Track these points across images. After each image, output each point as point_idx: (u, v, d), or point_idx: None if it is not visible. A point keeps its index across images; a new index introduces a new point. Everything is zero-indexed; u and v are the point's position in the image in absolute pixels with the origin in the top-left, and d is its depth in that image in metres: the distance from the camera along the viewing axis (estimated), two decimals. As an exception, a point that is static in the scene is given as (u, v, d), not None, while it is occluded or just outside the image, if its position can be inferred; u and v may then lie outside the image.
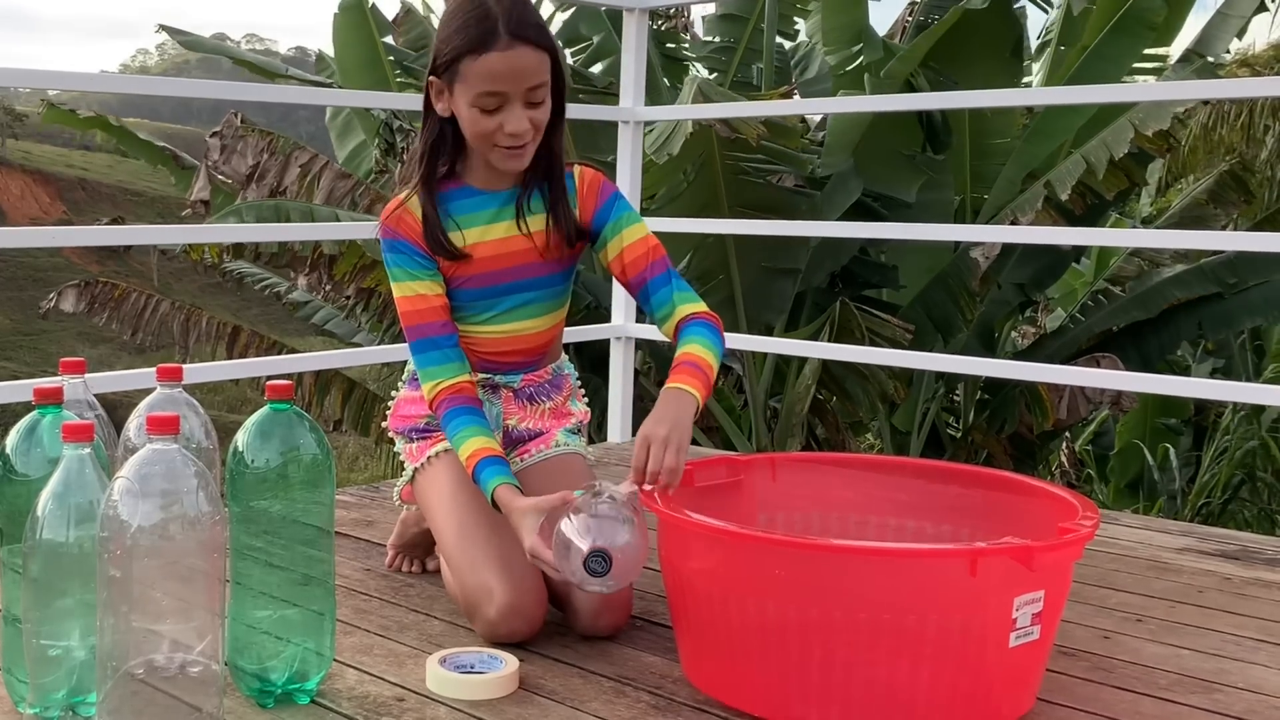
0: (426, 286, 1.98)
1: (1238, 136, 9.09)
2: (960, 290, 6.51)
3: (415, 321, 1.98)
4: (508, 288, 2.03)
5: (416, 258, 1.98)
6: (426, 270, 1.98)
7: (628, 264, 2.00)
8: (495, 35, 1.83)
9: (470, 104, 1.88)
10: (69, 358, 1.73)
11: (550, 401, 2.14)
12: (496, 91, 1.85)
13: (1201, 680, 1.79)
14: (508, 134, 1.88)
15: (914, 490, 2.00)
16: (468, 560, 1.89)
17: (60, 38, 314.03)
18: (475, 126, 1.90)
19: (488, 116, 1.88)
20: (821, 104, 6.47)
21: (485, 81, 1.85)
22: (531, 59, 1.86)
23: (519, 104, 1.87)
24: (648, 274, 1.99)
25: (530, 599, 1.85)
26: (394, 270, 2.00)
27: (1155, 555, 2.50)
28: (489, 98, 1.86)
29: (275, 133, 7.22)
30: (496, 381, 2.09)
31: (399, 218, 1.99)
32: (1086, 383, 3.56)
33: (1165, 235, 5.14)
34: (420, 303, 1.97)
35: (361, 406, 6.97)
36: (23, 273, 34.37)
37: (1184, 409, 8.20)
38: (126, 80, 5.94)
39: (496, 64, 1.84)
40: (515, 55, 1.84)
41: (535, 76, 1.87)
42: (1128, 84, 6.51)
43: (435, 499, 2.01)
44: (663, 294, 1.99)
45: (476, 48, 1.84)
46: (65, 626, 1.46)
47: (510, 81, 1.85)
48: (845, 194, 6.27)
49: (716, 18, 7.51)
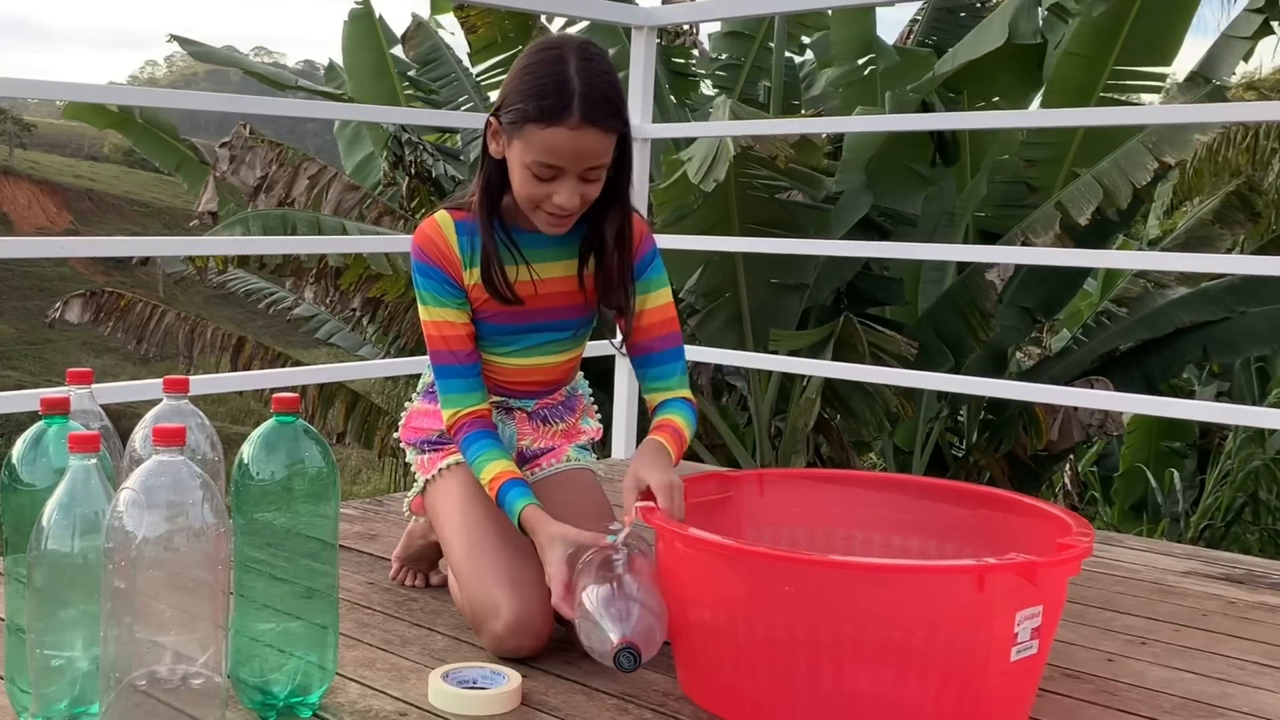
0: (454, 314, 1.97)
1: (1244, 159, 9.11)
2: (972, 310, 6.50)
3: (441, 347, 1.97)
4: (538, 326, 2.03)
5: (447, 285, 1.96)
6: (455, 299, 1.97)
7: (648, 327, 2.02)
8: (568, 113, 1.78)
9: (525, 165, 1.83)
10: (75, 368, 1.73)
11: (563, 423, 2.16)
12: (554, 165, 1.81)
13: (1206, 704, 1.78)
14: (556, 204, 1.84)
15: (902, 507, 2.01)
16: (476, 575, 1.89)
17: (69, 48, 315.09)
18: (525, 189, 1.86)
19: (540, 184, 1.84)
20: (835, 123, 6.46)
21: (546, 154, 1.81)
22: (599, 143, 1.81)
23: (573, 179, 1.83)
24: (659, 345, 2.02)
25: (537, 615, 1.85)
26: (423, 294, 1.98)
27: (1160, 578, 2.49)
28: (545, 169, 1.82)
29: (284, 144, 7.25)
30: (511, 405, 2.10)
31: (432, 241, 1.96)
32: (1090, 404, 3.55)
33: (1174, 258, 5.13)
34: (447, 329, 1.97)
35: (365, 419, 6.98)
36: (28, 282, 34.47)
37: (1189, 432, 8.19)
38: (134, 92, 5.96)
39: (562, 141, 1.79)
40: (583, 137, 1.79)
41: (597, 158, 1.83)
42: (1135, 106, 6.51)
43: (445, 511, 2.01)
44: (668, 369, 2.02)
45: (546, 119, 1.79)
46: (68, 637, 1.46)
47: (571, 160, 1.81)
48: (855, 209, 6.28)
49: (724, 35, 7.52)
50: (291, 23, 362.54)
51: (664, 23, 3.79)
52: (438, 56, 8.07)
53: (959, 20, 7.14)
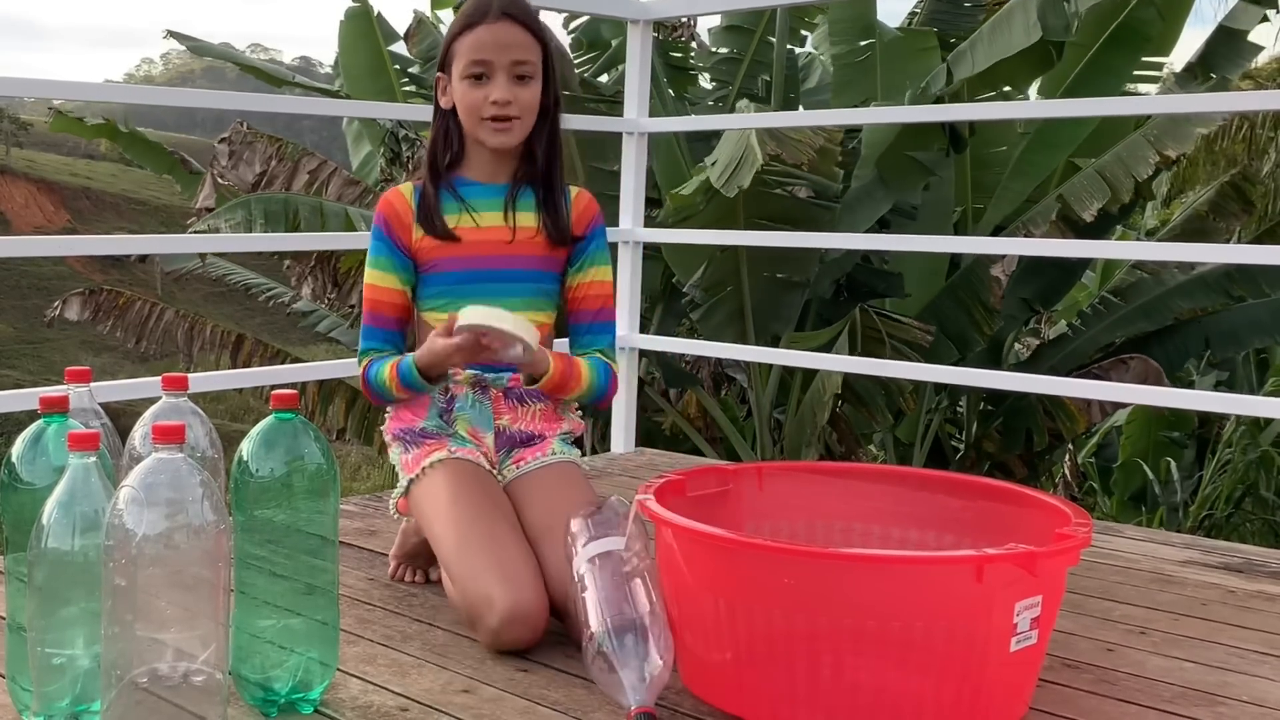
0: (392, 280, 2.12)
1: (1240, 149, 9.11)
2: (975, 303, 6.50)
3: (371, 309, 2.13)
4: (490, 274, 2.12)
5: (394, 249, 2.12)
6: (396, 263, 2.12)
7: (584, 296, 2.18)
8: (486, 12, 2.04)
9: (461, 77, 2.05)
10: (74, 366, 1.73)
11: (541, 403, 2.17)
12: (483, 60, 2.03)
13: (1205, 693, 1.78)
14: (492, 102, 2.03)
15: (901, 498, 2.01)
16: (467, 569, 1.89)
17: (65, 47, 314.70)
18: (465, 100, 2.05)
19: (476, 88, 2.04)
20: (832, 115, 6.45)
21: (473, 51, 2.03)
22: (518, 34, 2.04)
23: (505, 76, 2.03)
24: (592, 317, 2.18)
25: (532, 606, 1.85)
26: (371, 256, 2.13)
27: (1159, 568, 2.49)
28: (476, 65, 2.03)
29: (284, 139, 7.24)
30: (486, 380, 2.13)
31: (391, 204, 2.13)
32: (1091, 395, 3.56)
33: (1173, 249, 5.12)
34: (382, 292, 2.12)
35: (365, 416, 6.98)
36: (26, 281, 34.44)
37: (1188, 422, 8.19)
38: (131, 90, 5.94)
39: (483, 35, 2.03)
40: (502, 28, 2.03)
41: (521, 52, 2.04)
42: (1135, 97, 6.49)
43: (432, 509, 2.01)
44: (598, 339, 2.18)
45: (469, 25, 2.05)
46: (69, 635, 1.46)
47: (496, 51, 2.03)
48: (872, 206, 6.26)
49: (723, 29, 7.51)
50: (287, 20, 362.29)
51: (660, 16, 3.79)
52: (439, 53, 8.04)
53: (961, 10, 7.12)
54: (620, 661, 1.57)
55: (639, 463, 3.47)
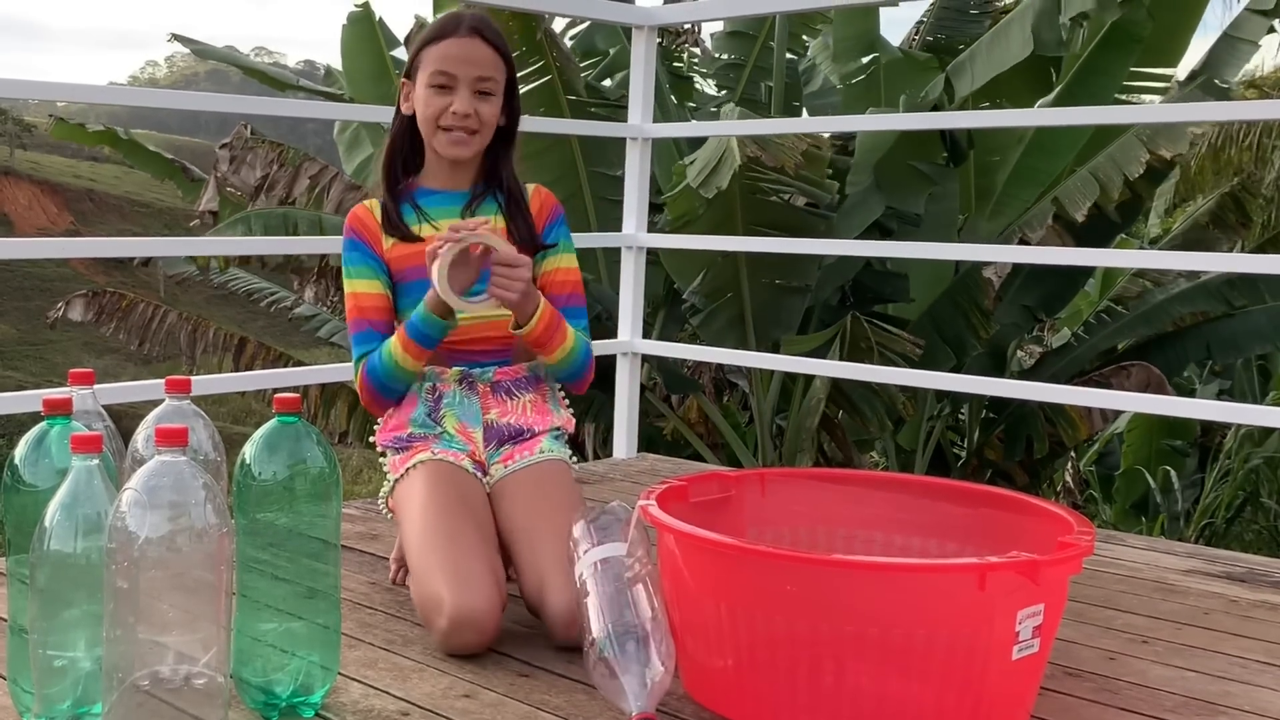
0: (371, 285, 2.13)
1: (1246, 157, 9.11)
2: (971, 308, 6.50)
3: (357, 316, 2.14)
4: None
5: (367, 256, 2.14)
6: (373, 268, 2.14)
7: (554, 283, 2.18)
8: (458, 26, 2.08)
9: (425, 85, 2.08)
10: (77, 369, 1.73)
11: (529, 394, 2.17)
12: (448, 71, 2.06)
13: (1207, 703, 1.78)
14: (453, 113, 2.06)
15: (904, 506, 2.01)
16: (423, 569, 1.90)
17: (69, 49, 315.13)
18: (427, 108, 2.08)
19: (439, 97, 2.07)
20: (836, 122, 6.47)
21: (440, 62, 2.07)
22: (485, 52, 2.08)
23: (468, 90, 2.07)
24: (568, 301, 2.18)
25: (481, 609, 1.82)
26: (346, 268, 2.16)
27: (1161, 577, 2.49)
28: (441, 76, 2.06)
29: (285, 144, 7.24)
30: (473, 376, 2.14)
31: (359, 217, 2.17)
32: (1091, 403, 3.56)
33: (1175, 257, 5.12)
34: (365, 299, 2.13)
35: (367, 419, 6.97)
36: (29, 283, 34.47)
37: (1190, 431, 8.19)
38: (135, 93, 5.95)
39: (452, 47, 2.07)
40: (470, 44, 2.07)
41: (486, 68, 2.08)
42: (1139, 105, 6.51)
43: (406, 509, 2.03)
44: (574, 324, 2.15)
45: (439, 37, 2.08)
46: (71, 637, 1.46)
47: (461, 65, 2.06)
48: (866, 211, 6.26)
49: (726, 35, 7.52)
50: (292, 23, 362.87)
51: (664, 22, 3.79)
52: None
53: (968, 18, 7.13)
54: (622, 667, 1.57)
55: (640, 468, 3.47)
